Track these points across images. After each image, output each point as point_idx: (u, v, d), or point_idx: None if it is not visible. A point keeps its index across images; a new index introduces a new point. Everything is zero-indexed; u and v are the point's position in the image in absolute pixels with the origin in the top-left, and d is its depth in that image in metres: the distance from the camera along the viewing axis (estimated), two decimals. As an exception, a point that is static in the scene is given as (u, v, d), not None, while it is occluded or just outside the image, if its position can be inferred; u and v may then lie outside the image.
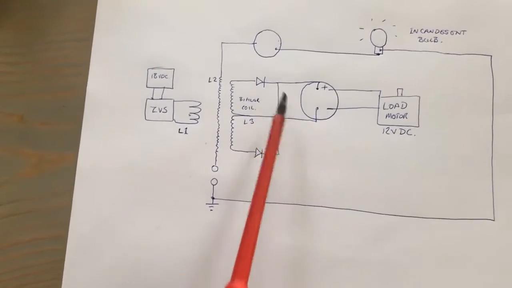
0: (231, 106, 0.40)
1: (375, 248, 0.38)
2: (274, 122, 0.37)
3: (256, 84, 0.40)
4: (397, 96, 0.39)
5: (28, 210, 0.40)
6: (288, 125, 0.39)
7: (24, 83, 0.42)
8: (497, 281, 0.37)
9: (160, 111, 0.40)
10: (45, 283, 0.38)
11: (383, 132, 0.39)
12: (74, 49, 0.42)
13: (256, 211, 0.32)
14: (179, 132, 0.40)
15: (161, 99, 0.40)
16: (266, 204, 0.37)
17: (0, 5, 0.43)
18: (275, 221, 0.38)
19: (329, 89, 0.40)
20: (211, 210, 0.39)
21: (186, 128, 0.40)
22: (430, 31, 0.40)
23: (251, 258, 0.31)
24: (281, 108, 0.38)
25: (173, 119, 0.40)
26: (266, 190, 0.33)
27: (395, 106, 0.39)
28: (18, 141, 0.41)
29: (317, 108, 0.40)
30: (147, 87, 0.41)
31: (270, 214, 0.38)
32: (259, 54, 0.41)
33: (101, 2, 0.42)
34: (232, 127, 0.40)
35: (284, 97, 0.39)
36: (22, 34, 0.43)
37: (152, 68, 0.41)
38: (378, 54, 0.40)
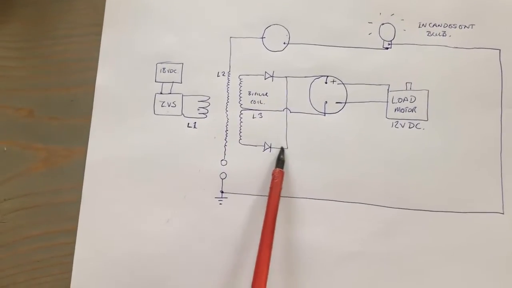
0: (240, 100, 0.40)
1: (385, 241, 0.38)
2: (273, 176, 0.37)
3: (265, 79, 0.40)
4: (406, 90, 0.39)
5: (38, 204, 0.40)
6: (297, 119, 0.40)
7: (33, 77, 0.42)
8: (507, 274, 0.37)
9: (169, 106, 0.40)
10: (54, 277, 0.39)
11: (392, 126, 0.39)
12: (83, 44, 0.42)
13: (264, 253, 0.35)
14: (188, 126, 0.40)
15: (170, 93, 0.40)
16: None
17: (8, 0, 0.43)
18: (284, 215, 0.38)
19: (338, 83, 0.40)
20: (220, 203, 0.39)
21: (195, 123, 0.40)
22: (439, 25, 0.40)
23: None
24: (280, 162, 0.38)
25: (182, 114, 0.40)
26: (272, 234, 0.35)
27: (404, 100, 0.39)
28: (27, 135, 0.41)
29: (326, 102, 0.40)
30: (156, 81, 0.41)
31: (280, 208, 0.38)
32: (267, 49, 0.41)
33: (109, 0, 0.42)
34: (241, 121, 0.40)
35: (282, 150, 0.39)
36: (31, 29, 0.43)
37: (161, 63, 0.41)
38: (387, 48, 0.40)
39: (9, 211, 0.40)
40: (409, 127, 0.39)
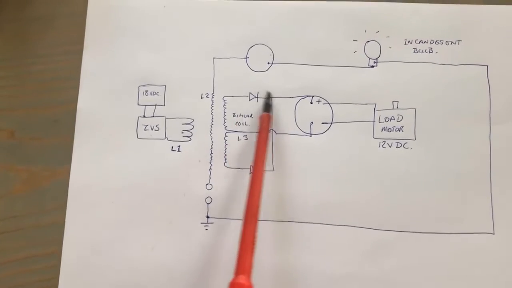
0: (224, 122, 0.39)
1: (373, 264, 0.37)
2: (261, 120, 0.37)
3: (249, 100, 0.40)
4: (393, 108, 0.39)
5: (20, 227, 0.39)
6: (283, 140, 0.39)
7: (14, 97, 0.41)
8: (498, 295, 0.36)
9: (152, 129, 0.40)
10: None
11: (379, 146, 0.38)
12: (64, 62, 0.41)
13: (254, 201, 0.33)
14: (172, 150, 0.39)
15: (153, 116, 0.40)
16: (261, 222, 0.37)
17: None
18: (271, 239, 0.38)
19: (324, 103, 0.39)
20: (206, 229, 0.38)
21: (179, 146, 0.39)
22: (425, 41, 0.39)
23: (252, 254, 0.32)
24: (267, 106, 0.38)
25: (165, 137, 0.39)
26: (262, 174, 0.35)
27: (391, 119, 0.39)
28: (8, 157, 0.40)
29: (312, 122, 0.39)
30: (138, 104, 0.40)
31: (266, 231, 0.37)
32: (251, 69, 0.40)
33: (89, 19, 0.41)
34: (226, 144, 0.39)
35: (268, 95, 0.39)
36: (11, 47, 0.42)
37: (143, 85, 0.40)
38: (373, 66, 0.39)
39: None
40: (397, 147, 0.38)
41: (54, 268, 0.38)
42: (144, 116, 0.40)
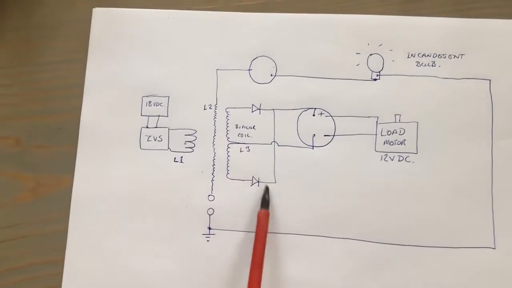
0: (227, 133, 0.40)
1: (374, 277, 0.37)
2: (258, 217, 0.36)
3: (252, 111, 0.40)
4: (395, 122, 0.39)
5: (24, 235, 0.39)
6: (285, 152, 0.39)
7: (19, 105, 0.41)
8: (499, 310, 0.36)
9: (155, 140, 0.40)
10: None
11: (381, 159, 0.39)
12: (69, 70, 0.41)
13: None
14: (174, 161, 0.39)
15: (156, 127, 0.40)
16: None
17: None
18: (270, 251, 0.38)
19: (326, 116, 0.39)
20: (207, 240, 0.38)
21: (182, 157, 0.39)
22: (428, 55, 0.39)
23: None
24: (264, 203, 0.37)
25: (168, 148, 0.40)
26: (259, 279, 0.35)
27: (393, 132, 0.39)
28: (14, 165, 0.40)
29: (314, 135, 0.39)
30: (141, 115, 0.40)
31: (267, 244, 0.37)
32: (254, 81, 0.40)
33: (93, 30, 0.42)
34: (228, 155, 0.39)
35: (267, 190, 0.38)
36: (16, 55, 0.42)
37: (147, 96, 0.40)
38: (375, 79, 0.39)
39: None
40: (399, 160, 0.38)
41: (57, 276, 0.38)
42: (147, 127, 0.40)
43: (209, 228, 0.38)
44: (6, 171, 0.40)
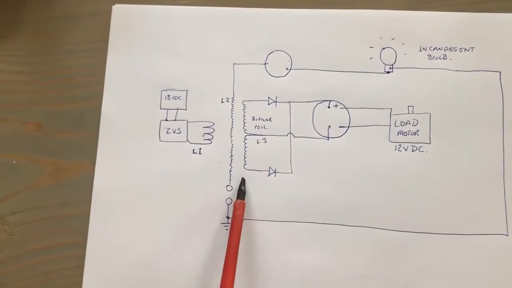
0: (244, 126, 0.41)
1: (389, 265, 0.38)
2: (235, 208, 0.37)
3: (268, 104, 0.41)
4: (408, 113, 0.40)
5: (46, 217, 0.40)
6: (301, 143, 0.40)
7: (41, 92, 0.42)
8: (513, 296, 0.37)
9: (174, 132, 0.41)
10: None
11: (395, 149, 0.39)
12: (89, 59, 0.43)
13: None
14: (193, 152, 0.40)
15: (175, 120, 0.41)
16: (278, 222, 0.39)
17: (16, 15, 0.44)
18: (287, 239, 0.39)
19: (341, 108, 0.40)
20: (226, 229, 0.39)
21: (200, 149, 0.40)
22: (439, 48, 0.41)
23: None
24: (241, 193, 0.39)
25: (187, 140, 0.41)
26: (233, 269, 0.35)
27: (406, 123, 0.40)
28: (35, 149, 0.41)
29: (329, 126, 0.40)
30: (161, 108, 0.41)
31: (284, 231, 0.39)
32: (270, 74, 0.41)
33: (113, 26, 0.43)
34: (246, 147, 0.40)
35: (243, 181, 0.39)
36: (39, 44, 0.43)
37: (166, 90, 0.41)
38: (388, 72, 0.41)
39: (18, 224, 0.40)
40: (412, 150, 0.39)
41: (78, 257, 0.39)
42: (166, 120, 0.41)
43: (228, 217, 0.39)
44: (28, 156, 0.41)
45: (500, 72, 0.40)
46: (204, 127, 0.41)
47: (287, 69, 0.41)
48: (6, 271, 0.39)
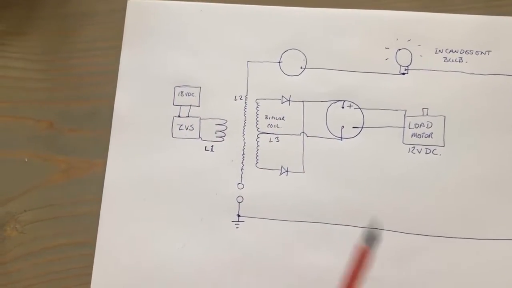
0: (257, 124, 0.40)
1: (400, 268, 0.38)
2: (359, 252, 0.37)
3: (282, 103, 0.41)
4: (423, 115, 0.40)
5: (57, 216, 0.40)
6: (314, 143, 0.40)
7: (53, 90, 0.42)
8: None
9: (186, 129, 0.41)
10: None
11: (408, 152, 0.39)
12: (103, 57, 0.42)
13: None
14: (205, 149, 0.40)
15: (188, 117, 0.41)
16: (289, 222, 0.39)
17: (29, 13, 0.44)
18: (298, 239, 0.38)
19: (355, 108, 0.40)
20: (236, 227, 0.39)
21: (212, 146, 0.40)
22: (455, 51, 0.40)
23: None
24: (371, 240, 0.37)
25: (199, 137, 0.41)
26: None
27: (421, 125, 0.39)
28: (47, 147, 0.41)
29: (343, 126, 0.40)
30: (174, 105, 0.41)
31: (295, 231, 0.38)
32: (284, 73, 0.41)
33: (128, 22, 0.43)
34: (258, 145, 0.40)
35: (375, 230, 0.38)
36: (51, 41, 0.43)
37: (179, 86, 0.41)
38: (404, 73, 0.40)
39: (29, 222, 0.40)
40: (426, 153, 0.39)
41: (89, 256, 0.39)
42: (179, 116, 0.41)
43: (238, 216, 0.39)
44: (39, 153, 0.41)
45: (516, 76, 0.40)
46: (216, 125, 0.41)
47: (301, 68, 0.41)
48: (16, 269, 0.39)
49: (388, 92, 0.40)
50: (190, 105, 0.41)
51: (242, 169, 0.40)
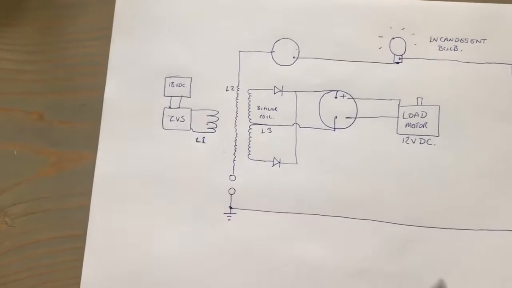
0: (249, 115, 0.40)
1: (395, 259, 0.37)
2: None
3: (274, 93, 0.40)
4: (417, 105, 0.39)
5: (47, 209, 0.39)
6: (307, 134, 0.39)
7: (44, 81, 0.42)
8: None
9: (177, 120, 0.40)
10: (64, 282, 0.38)
11: (402, 142, 0.39)
12: (93, 48, 0.42)
13: None
14: (196, 141, 0.40)
15: (179, 108, 0.40)
16: (282, 214, 0.38)
17: (19, 3, 0.43)
18: (291, 231, 0.38)
19: (348, 98, 0.40)
20: (228, 219, 0.38)
21: (204, 137, 0.40)
22: (450, 39, 0.40)
23: None
24: None
25: (190, 128, 0.40)
26: None
27: (415, 115, 0.39)
28: (37, 139, 0.41)
29: (336, 117, 0.39)
30: (164, 95, 0.41)
31: (288, 223, 0.38)
32: (277, 63, 0.41)
33: (117, 11, 0.42)
34: (250, 136, 0.40)
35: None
36: (41, 33, 0.43)
37: (170, 77, 0.41)
38: (398, 62, 0.40)
39: (19, 216, 0.39)
40: (420, 143, 0.39)
41: (79, 249, 0.38)
42: (170, 107, 0.40)
43: (230, 208, 0.39)
44: (29, 146, 0.41)
45: (511, 64, 0.39)
46: (208, 116, 0.40)
47: (294, 57, 0.40)
48: (6, 263, 0.39)
49: (382, 82, 0.39)
50: (181, 96, 0.40)
51: (234, 160, 0.39)
